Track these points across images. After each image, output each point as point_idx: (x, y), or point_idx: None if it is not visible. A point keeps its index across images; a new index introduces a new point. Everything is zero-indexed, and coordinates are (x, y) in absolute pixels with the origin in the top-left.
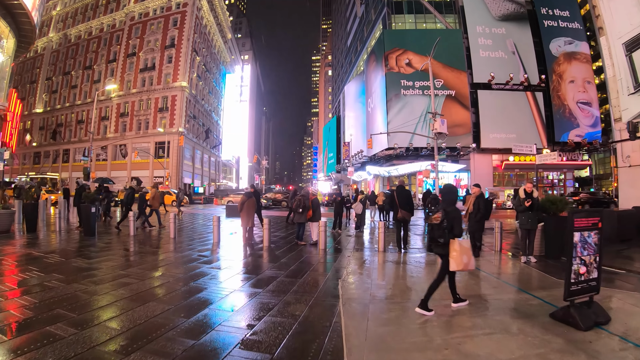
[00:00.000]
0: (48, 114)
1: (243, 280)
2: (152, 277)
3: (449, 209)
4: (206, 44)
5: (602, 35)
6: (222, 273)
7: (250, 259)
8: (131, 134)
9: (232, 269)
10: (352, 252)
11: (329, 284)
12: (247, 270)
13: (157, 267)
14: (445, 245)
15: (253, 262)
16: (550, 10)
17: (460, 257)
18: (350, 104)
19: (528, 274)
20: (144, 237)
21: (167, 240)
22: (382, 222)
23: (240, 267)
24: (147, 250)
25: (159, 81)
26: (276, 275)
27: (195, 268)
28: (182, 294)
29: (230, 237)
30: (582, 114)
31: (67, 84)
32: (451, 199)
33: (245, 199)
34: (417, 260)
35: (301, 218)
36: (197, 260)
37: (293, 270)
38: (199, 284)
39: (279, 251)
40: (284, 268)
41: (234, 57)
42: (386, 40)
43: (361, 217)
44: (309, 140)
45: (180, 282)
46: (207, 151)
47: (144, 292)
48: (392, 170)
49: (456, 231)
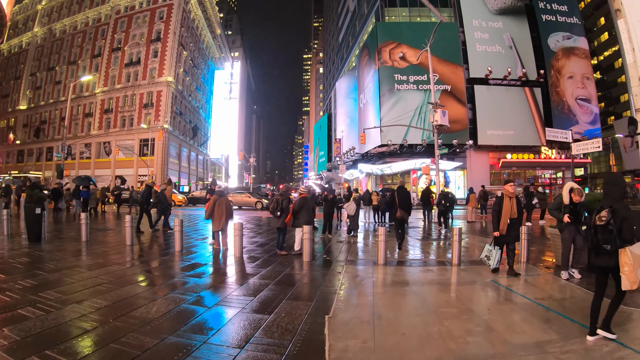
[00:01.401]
0: (32, 110)
1: (188, 316)
2: (61, 306)
3: (617, 206)
4: (194, 38)
5: (620, 17)
6: (161, 304)
7: (211, 278)
8: (115, 131)
9: (180, 296)
10: (344, 266)
11: (311, 326)
12: (197, 299)
13: (78, 290)
14: (613, 255)
15: (213, 284)
16: (548, 5)
17: (635, 272)
18: (342, 100)
19: (590, 301)
20: (99, 243)
21: (119, 248)
22: (382, 227)
23: (188, 291)
24: (83, 263)
25: (144, 76)
26: (237, 307)
27: (128, 295)
28: None
29: (199, 245)
30: (581, 111)
31: (51, 79)
32: (619, 192)
33: (217, 198)
34: (430, 278)
35: (279, 222)
36: (137, 282)
37: (263, 299)
38: (122, 325)
39: (252, 264)
40: (252, 293)
41: (223, 55)
42: (379, 33)
43: (354, 219)
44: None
45: (99, 324)
46: (194, 149)
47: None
48: (385, 168)
49: (627, 235)
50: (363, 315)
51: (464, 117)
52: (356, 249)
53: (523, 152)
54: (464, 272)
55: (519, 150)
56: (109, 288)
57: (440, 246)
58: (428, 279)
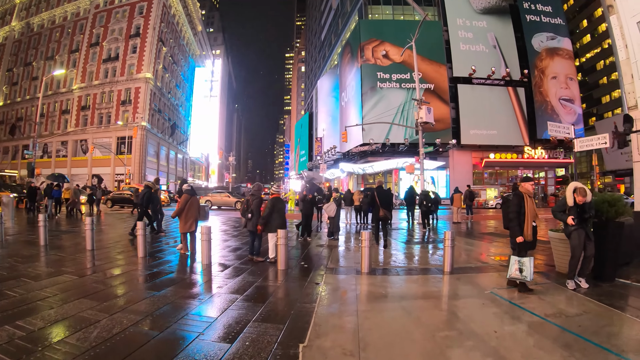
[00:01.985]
0: (8, 107)
1: (131, 344)
2: None
3: None
4: (174, 34)
5: (612, 14)
6: (104, 327)
7: (172, 292)
8: (92, 129)
9: (130, 315)
10: (324, 275)
11: None
12: (148, 321)
13: (11, 308)
14: None
15: (172, 299)
16: (532, 5)
17: None
18: (323, 99)
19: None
20: (57, 248)
21: (78, 254)
22: (366, 231)
23: (141, 309)
24: (31, 273)
25: (123, 72)
26: (194, 331)
27: (69, 314)
28: None
29: (166, 250)
30: (565, 111)
31: (28, 75)
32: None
33: (188, 198)
34: (421, 291)
35: (250, 225)
36: (84, 296)
37: (226, 321)
38: (49, 357)
39: (221, 274)
40: (215, 312)
41: (205, 52)
42: (362, 30)
43: (334, 221)
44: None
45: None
46: (173, 147)
47: None
48: (367, 168)
49: None
50: (346, 342)
51: (447, 117)
52: (337, 254)
53: (506, 151)
54: (459, 282)
55: (502, 150)
56: (50, 305)
57: (427, 250)
58: (420, 292)
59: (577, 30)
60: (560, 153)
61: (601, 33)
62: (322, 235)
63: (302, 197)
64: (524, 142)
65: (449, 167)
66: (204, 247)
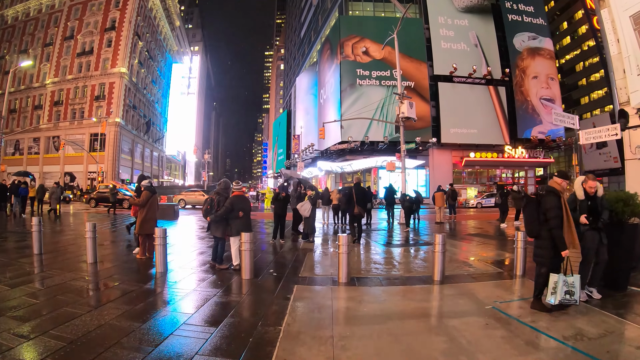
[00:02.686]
0: None
1: None
2: None
3: None
4: (151, 29)
5: (604, 7)
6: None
7: (109, 311)
8: (65, 125)
9: (53, 341)
10: (294, 287)
11: None
12: (61, 355)
13: None
14: None
15: (107, 320)
16: (514, 5)
17: None
18: (302, 96)
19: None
20: (5, 248)
21: (23, 259)
22: (343, 234)
23: (66, 334)
24: None
25: (97, 67)
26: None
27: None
28: None
29: (120, 254)
30: (545, 111)
31: (0, 69)
32: None
33: (149, 196)
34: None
35: (217, 230)
36: (14, 309)
37: (160, 357)
38: None
39: (174, 285)
40: (152, 342)
41: (183, 49)
42: (342, 26)
43: (309, 221)
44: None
45: None
46: (149, 145)
47: None
48: (345, 166)
49: None
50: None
51: (427, 115)
52: (312, 259)
53: (486, 151)
54: (453, 294)
55: (482, 149)
56: None
57: (412, 254)
58: (408, 308)
59: (557, 32)
60: (540, 153)
61: (581, 35)
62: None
63: (275, 195)
64: (505, 142)
65: (428, 166)
66: (159, 252)
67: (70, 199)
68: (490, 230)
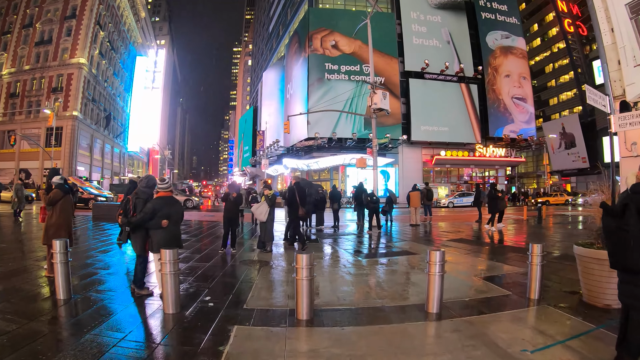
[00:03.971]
0: None
1: None
2: None
3: None
4: (114, 19)
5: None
6: None
7: None
8: (21, 118)
9: None
10: (234, 328)
11: None
12: None
13: None
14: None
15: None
16: (488, 3)
17: None
18: (268, 92)
19: None
20: None
21: None
22: (303, 255)
23: None
24: None
25: (55, 57)
26: None
27: None
28: None
29: (27, 270)
30: (517, 110)
31: None
32: None
33: (61, 195)
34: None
35: (136, 243)
36: None
37: None
38: None
39: (67, 323)
40: None
41: (148, 42)
42: (312, 19)
43: (267, 227)
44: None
45: None
46: (109, 140)
47: None
48: (312, 164)
49: None
50: None
51: (397, 112)
52: (266, 278)
53: (457, 149)
54: (460, 338)
55: (453, 147)
56: None
57: (391, 269)
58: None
59: (528, 33)
60: (512, 152)
61: (551, 37)
62: (251, 245)
63: (224, 195)
64: (476, 140)
65: (398, 164)
66: (59, 272)
67: (33, 199)
68: (472, 233)
